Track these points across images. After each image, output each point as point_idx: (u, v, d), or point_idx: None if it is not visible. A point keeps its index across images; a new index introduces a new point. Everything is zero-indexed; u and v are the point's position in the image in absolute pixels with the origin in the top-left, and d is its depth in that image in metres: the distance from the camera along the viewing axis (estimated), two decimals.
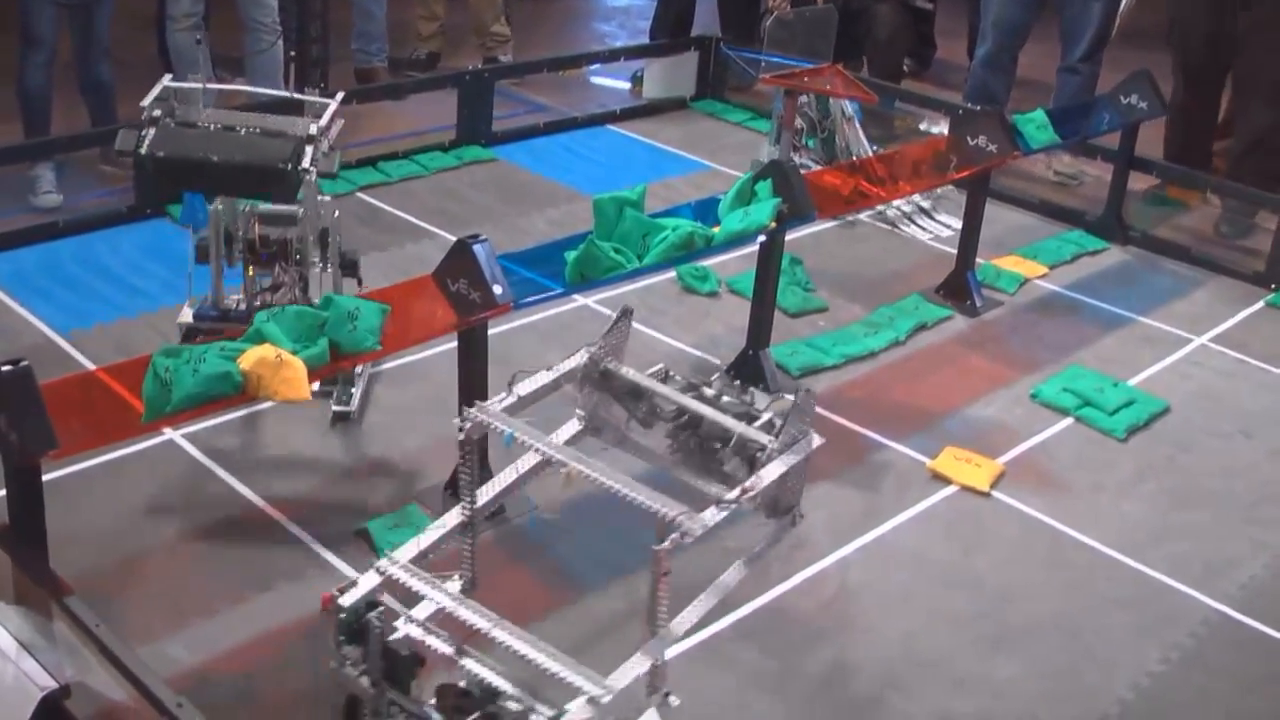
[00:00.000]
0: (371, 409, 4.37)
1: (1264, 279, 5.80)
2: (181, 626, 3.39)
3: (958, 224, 5.73)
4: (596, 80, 8.05)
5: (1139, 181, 6.40)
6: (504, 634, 2.69)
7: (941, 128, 6.69)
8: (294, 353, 3.28)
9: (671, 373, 3.33)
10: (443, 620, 2.79)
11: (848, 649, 3.49)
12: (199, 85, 4.12)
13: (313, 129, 4.00)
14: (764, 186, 4.34)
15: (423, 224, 5.79)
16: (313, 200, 4.12)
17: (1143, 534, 4.07)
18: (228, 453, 4.09)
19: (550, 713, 2.56)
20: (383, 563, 2.84)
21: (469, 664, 2.69)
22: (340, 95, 4.29)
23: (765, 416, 3.20)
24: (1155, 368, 5.06)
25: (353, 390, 4.31)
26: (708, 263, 5.32)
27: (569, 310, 5.06)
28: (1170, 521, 4.14)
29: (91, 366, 4.29)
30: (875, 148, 6.05)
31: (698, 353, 4.84)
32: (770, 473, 3.04)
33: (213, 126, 4.02)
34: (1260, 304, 5.67)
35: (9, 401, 2.92)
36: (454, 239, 3.72)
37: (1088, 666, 3.51)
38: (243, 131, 4.00)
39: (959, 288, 5.40)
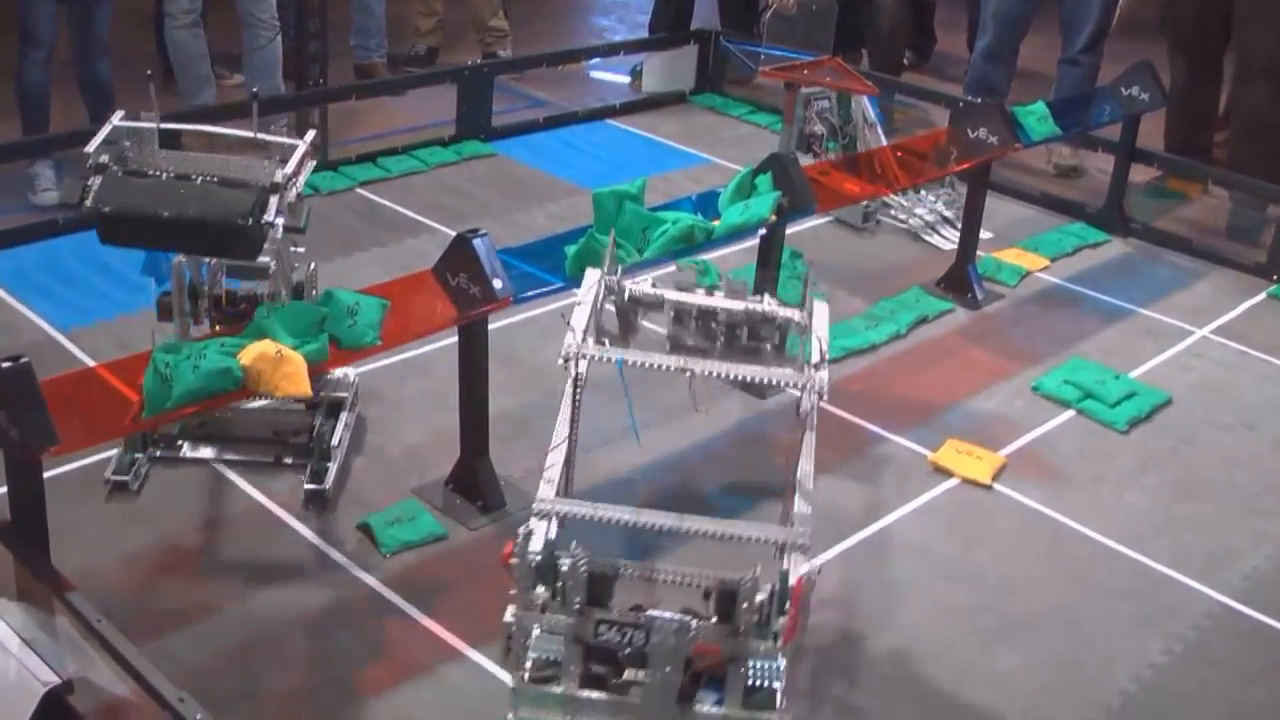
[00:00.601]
0: (372, 403, 4.37)
1: (1266, 270, 5.80)
2: (184, 622, 3.39)
3: (984, 235, 5.75)
4: (596, 74, 8.05)
5: (1140, 173, 6.39)
6: (692, 523, 2.88)
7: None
8: (294, 348, 3.28)
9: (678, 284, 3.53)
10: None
11: (849, 642, 3.49)
12: (152, 125, 3.62)
13: (278, 175, 3.49)
14: (764, 180, 4.34)
15: (422, 219, 5.79)
16: (285, 254, 3.81)
17: (1144, 526, 4.07)
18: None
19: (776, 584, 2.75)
20: (539, 505, 2.92)
21: (662, 567, 2.85)
22: (310, 135, 3.79)
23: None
24: (1157, 360, 5.06)
25: (328, 465, 3.93)
26: (708, 256, 5.31)
27: (568, 305, 5.04)
28: (1172, 513, 4.14)
29: (92, 363, 4.28)
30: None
31: None
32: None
33: (165, 174, 3.49)
34: (1262, 295, 5.67)
35: (9, 398, 2.92)
36: (454, 234, 3.72)
37: (1089, 658, 3.51)
38: (198, 180, 3.47)
39: (960, 281, 5.40)
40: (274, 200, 3.45)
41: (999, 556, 3.88)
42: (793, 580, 2.76)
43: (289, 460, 4.00)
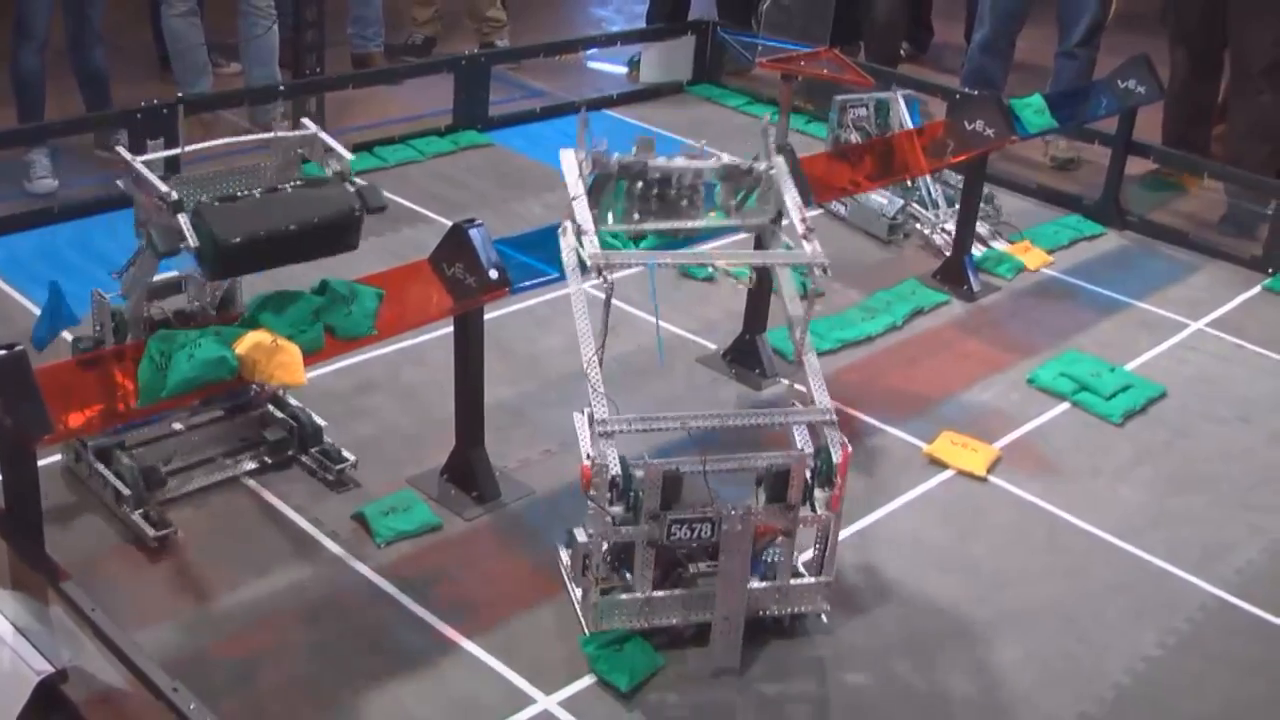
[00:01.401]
0: (368, 393, 4.37)
1: (1261, 263, 5.80)
2: (177, 611, 3.39)
3: (1003, 246, 5.77)
4: (593, 65, 8.03)
5: (1137, 166, 6.39)
6: (736, 418, 3.39)
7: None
8: (289, 338, 3.28)
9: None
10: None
11: (843, 633, 3.49)
12: (176, 151, 3.58)
13: (337, 165, 3.63)
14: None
15: (419, 209, 5.78)
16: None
17: (1139, 519, 4.07)
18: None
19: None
20: (601, 426, 3.17)
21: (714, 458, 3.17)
22: (307, 122, 3.83)
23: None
24: (1152, 352, 5.06)
25: (334, 445, 3.97)
26: (704, 246, 5.30)
27: (565, 294, 5.02)
28: (1167, 506, 4.14)
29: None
30: None
31: (695, 337, 4.83)
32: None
33: (257, 193, 3.38)
34: (1258, 288, 5.67)
35: (4, 386, 2.91)
36: (450, 224, 3.71)
37: (1084, 651, 3.51)
38: (287, 189, 3.45)
39: (956, 273, 5.39)
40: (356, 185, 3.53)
41: (993, 549, 3.88)
42: (837, 455, 3.20)
43: (275, 460, 3.99)
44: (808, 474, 3.23)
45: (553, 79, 7.58)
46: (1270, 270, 5.76)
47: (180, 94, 6.15)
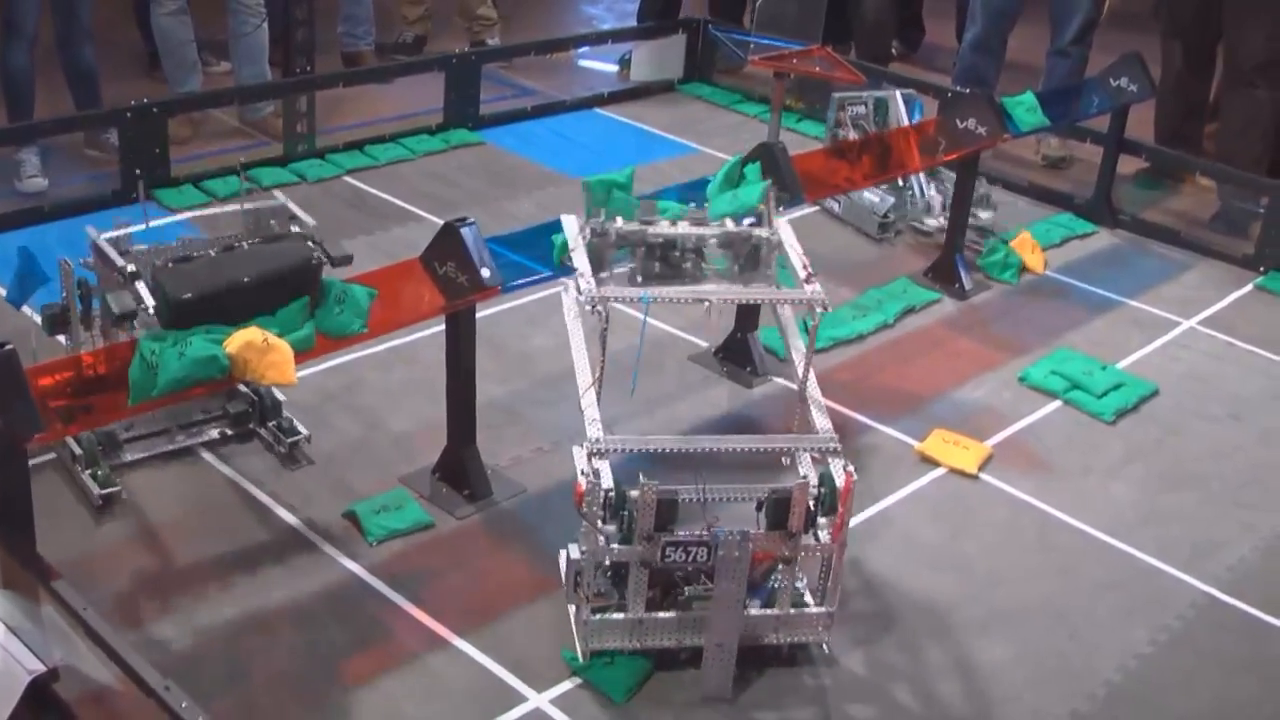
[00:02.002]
0: (359, 392, 4.36)
1: (1253, 262, 5.81)
2: (169, 610, 3.38)
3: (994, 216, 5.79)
4: (584, 63, 8.03)
5: (1128, 165, 6.39)
6: (733, 442, 3.36)
7: None
8: (280, 336, 3.27)
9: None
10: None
11: (834, 631, 3.48)
12: (140, 228, 3.68)
13: (293, 226, 3.72)
14: (753, 169, 4.32)
15: (410, 207, 5.77)
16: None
17: (1131, 516, 4.07)
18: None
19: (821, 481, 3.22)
20: (594, 445, 3.21)
21: (714, 487, 3.15)
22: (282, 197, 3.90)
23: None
24: (1144, 351, 5.06)
25: (290, 417, 4.05)
26: None
27: (556, 293, 5.03)
28: (1158, 504, 4.15)
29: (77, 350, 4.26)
30: None
31: (686, 335, 4.83)
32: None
33: (211, 252, 3.48)
34: (1249, 287, 5.68)
35: None
36: (441, 222, 3.71)
37: (1075, 649, 3.51)
38: (244, 245, 3.55)
39: (947, 271, 5.40)
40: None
41: (985, 547, 3.89)
42: (839, 480, 3.16)
43: (236, 431, 4.03)
44: (810, 502, 3.18)
45: (544, 77, 7.57)
46: (1262, 268, 5.77)
47: (170, 92, 6.17)
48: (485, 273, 3.61)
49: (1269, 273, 5.74)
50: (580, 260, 3.50)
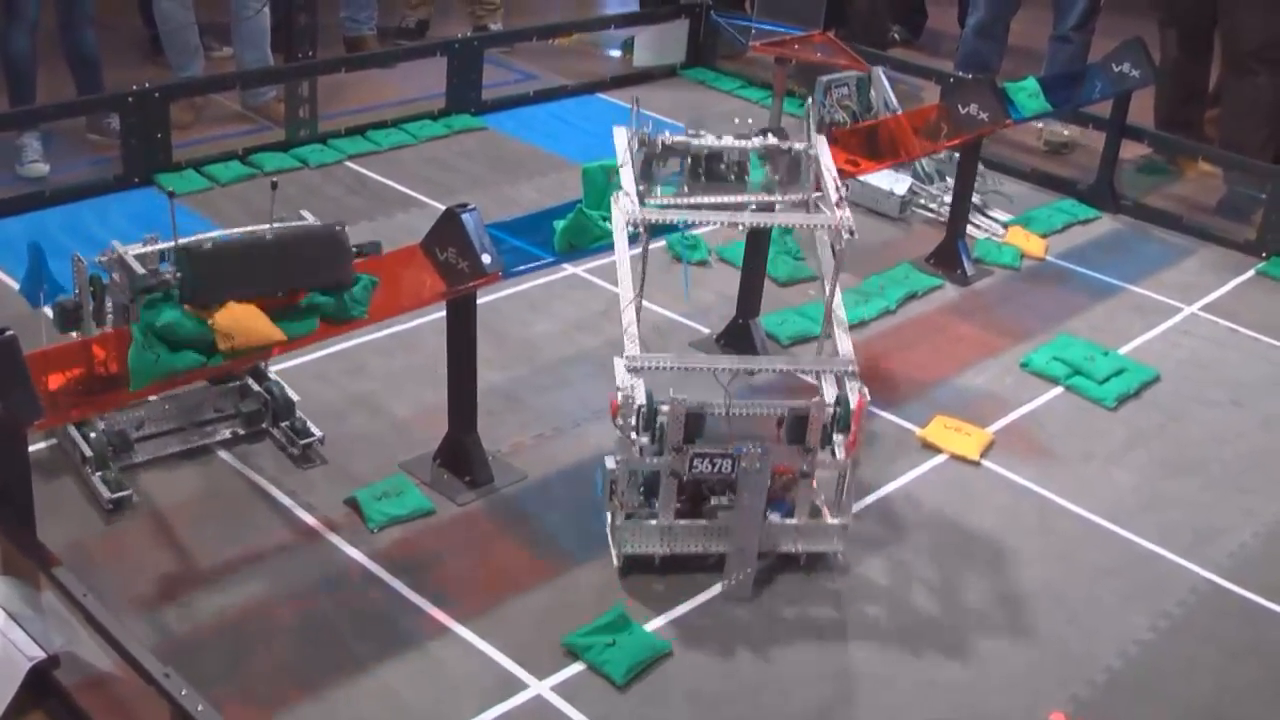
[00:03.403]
0: (360, 378, 4.36)
1: (1255, 247, 5.80)
2: (169, 597, 3.38)
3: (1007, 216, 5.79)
4: (586, 48, 8.01)
5: (1131, 150, 6.38)
6: (760, 362, 3.88)
7: None
8: (280, 324, 3.27)
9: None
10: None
11: (836, 617, 3.49)
12: (169, 245, 3.53)
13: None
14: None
15: (411, 193, 5.77)
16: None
17: (1132, 502, 4.07)
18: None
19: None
20: (630, 362, 3.42)
21: (739, 403, 3.46)
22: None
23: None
24: (1145, 336, 5.06)
25: (303, 417, 4.01)
26: (698, 232, 5.31)
27: (558, 279, 5.05)
28: (1159, 490, 4.15)
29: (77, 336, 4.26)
30: None
31: (688, 321, 4.83)
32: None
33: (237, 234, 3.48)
34: (1251, 272, 5.67)
35: None
36: (443, 208, 3.70)
37: (1075, 634, 3.52)
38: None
39: (949, 256, 5.39)
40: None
41: (986, 532, 3.89)
42: (854, 402, 3.43)
43: (249, 431, 4.01)
44: (827, 420, 3.46)
45: (546, 62, 7.56)
46: (1264, 254, 5.76)
47: (172, 76, 6.16)
48: (486, 258, 3.61)
49: (1270, 258, 5.74)
50: (627, 180, 3.66)
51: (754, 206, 3.83)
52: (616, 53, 7.87)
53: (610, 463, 3.43)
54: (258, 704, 3.09)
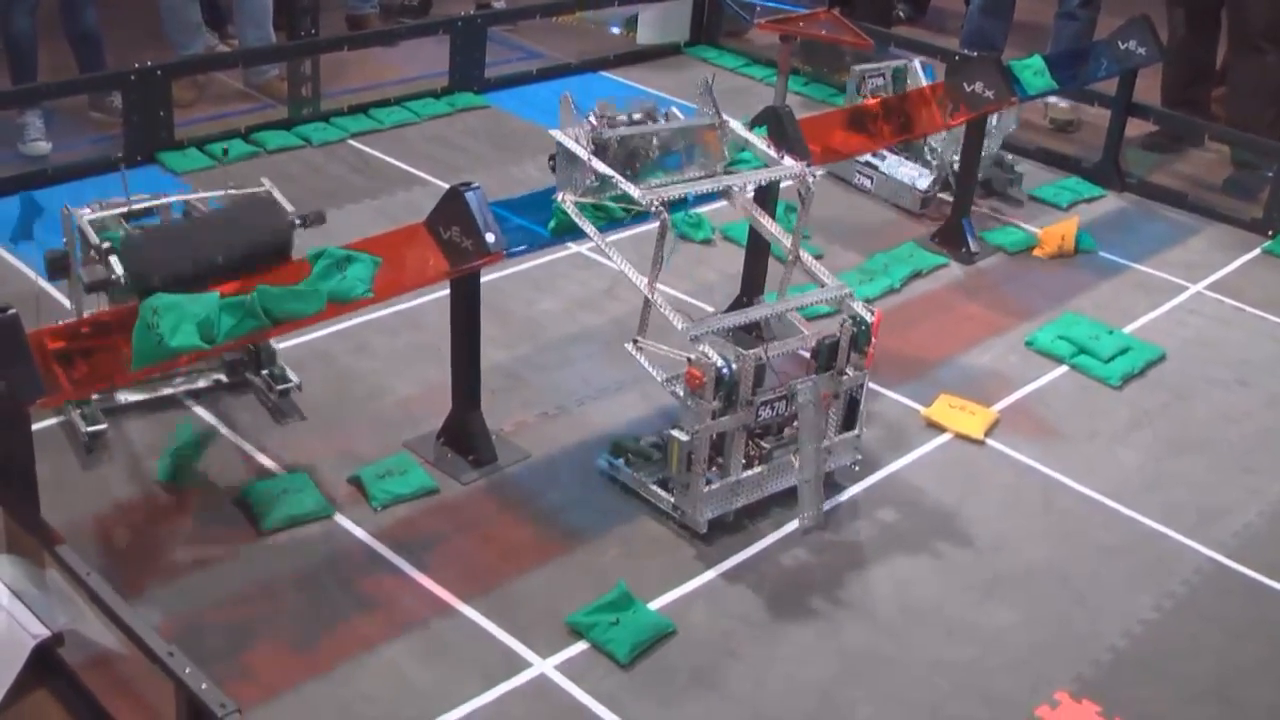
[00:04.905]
0: (364, 357, 4.36)
1: (1261, 226, 5.78)
2: (174, 575, 3.38)
3: (1022, 195, 5.80)
4: (590, 26, 7.98)
5: (1137, 128, 6.36)
6: (786, 305, 3.86)
7: None
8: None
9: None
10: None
11: (840, 596, 3.49)
12: (124, 209, 3.71)
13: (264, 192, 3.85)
14: (759, 132, 4.31)
15: (415, 171, 5.75)
16: None
17: (1137, 481, 4.07)
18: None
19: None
20: (693, 330, 3.49)
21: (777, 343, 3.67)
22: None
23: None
24: (1151, 315, 5.05)
25: (283, 366, 4.07)
26: (702, 210, 5.30)
27: (562, 257, 5.04)
28: (1164, 469, 4.14)
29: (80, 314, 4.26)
30: None
31: (692, 300, 4.82)
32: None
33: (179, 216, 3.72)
34: (1257, 251, 5.65)
35: None
36: (446, 186, 3.69)
37: (1080, 614, 3.51)
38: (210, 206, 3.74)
39: (954, 235, 5.37)
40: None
41: (991, 512, 3.88)
42: (870, 317, 3.66)
43: (231, 380, 4.07)
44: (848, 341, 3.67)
45: (549, 40, 7.53)
46: (1270, 233, 5.74)
47: (174, 55, 6.14)
48: (490, 237, 3.60)
49: (1277, 237, 5.72)
50: (603, 168, 3.68)
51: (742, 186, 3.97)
52: (620, 30, 7.84)
53: (681, 435, 3.50)
54: (262, 682, 3.09)
